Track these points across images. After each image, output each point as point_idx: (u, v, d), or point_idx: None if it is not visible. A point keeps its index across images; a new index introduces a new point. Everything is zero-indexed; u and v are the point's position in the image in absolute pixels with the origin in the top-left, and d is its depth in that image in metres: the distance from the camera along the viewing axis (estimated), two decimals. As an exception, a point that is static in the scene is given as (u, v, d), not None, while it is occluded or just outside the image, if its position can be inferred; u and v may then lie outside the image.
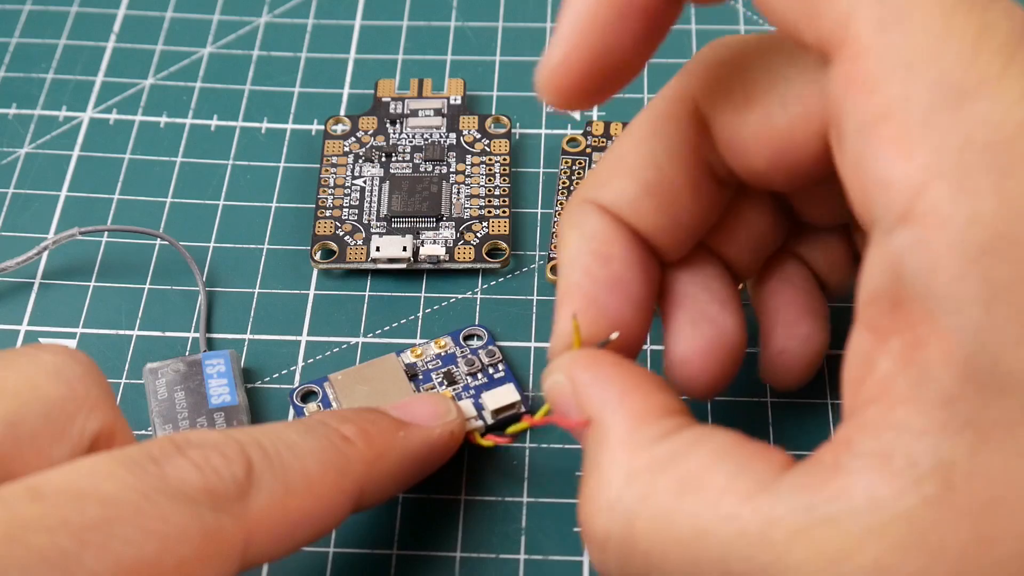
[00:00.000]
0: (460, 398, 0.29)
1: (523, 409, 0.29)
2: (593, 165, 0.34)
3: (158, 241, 0.33)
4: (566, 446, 0.29)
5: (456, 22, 0.38)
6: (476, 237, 0.32)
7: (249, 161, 0.35)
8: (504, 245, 0.32)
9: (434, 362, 0.30)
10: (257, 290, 0.32)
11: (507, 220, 0.32)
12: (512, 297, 0.32)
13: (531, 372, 0.30)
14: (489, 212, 0.33)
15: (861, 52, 0.18)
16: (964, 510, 0.17)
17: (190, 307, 0.32)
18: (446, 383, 0.29)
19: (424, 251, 0.32)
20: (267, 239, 0.33)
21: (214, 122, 0.36)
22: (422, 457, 0.26)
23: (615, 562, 0.21)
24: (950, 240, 0.17)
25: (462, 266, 0.32)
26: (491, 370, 0.29)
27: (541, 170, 0.34)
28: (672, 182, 0.24)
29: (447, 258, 0.32)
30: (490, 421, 0.28)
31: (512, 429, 0.27)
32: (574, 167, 0.34)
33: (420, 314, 0.31)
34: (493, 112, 0.36)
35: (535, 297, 0.32)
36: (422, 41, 0.38)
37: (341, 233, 0.32)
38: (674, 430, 0.21)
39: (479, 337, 0.30)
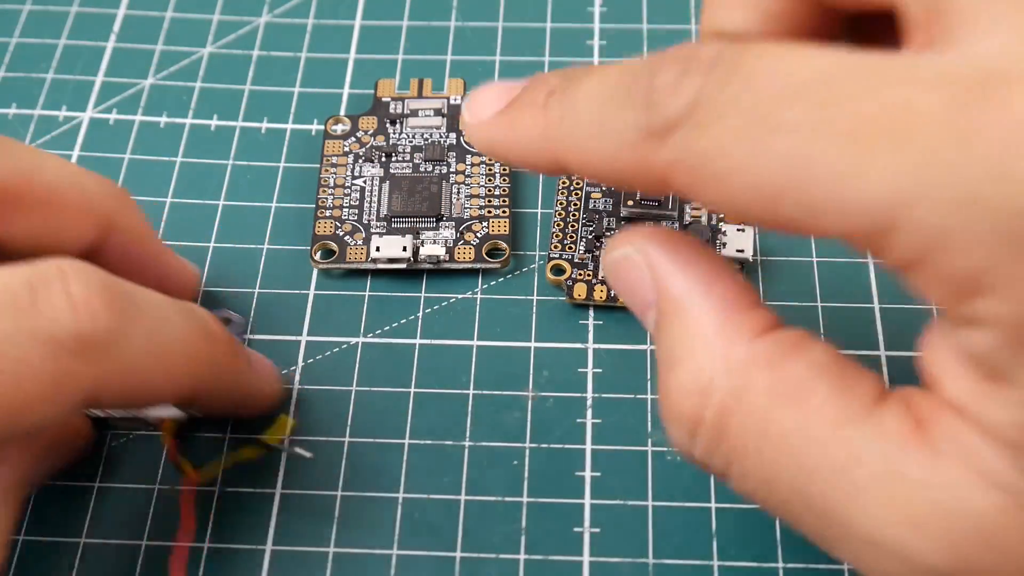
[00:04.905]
0: None
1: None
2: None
3: (158, 241, 0.33)
4: (565, 446, 0.29)
5: (456, 22, 0.38)
6: (476, 237, 0.32)
7: (249, 161, 0.35)
8: (504, 245, 0.32)
9: None
10: (257, 290, 0.32)
11: (507, 220, 0.32)
12: (512, 297, 0.32)
13: (530, 372, 0.30)
14: (489, 212, 0.33)
15: None
16: None
17: (190, 307, 0.32)
18: None
19: (424, 251, 0.32)
20: (267, 239, 0.33)
21: (214, 122, 0.36)
22: (243, 394, 0.27)
23: (702, 449, 0.20)
24: None
25: (462, 266, 0.32)
26: None
27: (541, 170, 0.34)
28: None
29: (447, 258, 0.32)
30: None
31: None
32: (574, 167, 0.34)
33: (420, 314, 0.31)
34: (493, 112, 0.36)
35: (535, 297, 0.32)
36: (422, 41, 0.38)
37: (341, 233, 0.32)
38: (769, 328, 0.20)
39: None
